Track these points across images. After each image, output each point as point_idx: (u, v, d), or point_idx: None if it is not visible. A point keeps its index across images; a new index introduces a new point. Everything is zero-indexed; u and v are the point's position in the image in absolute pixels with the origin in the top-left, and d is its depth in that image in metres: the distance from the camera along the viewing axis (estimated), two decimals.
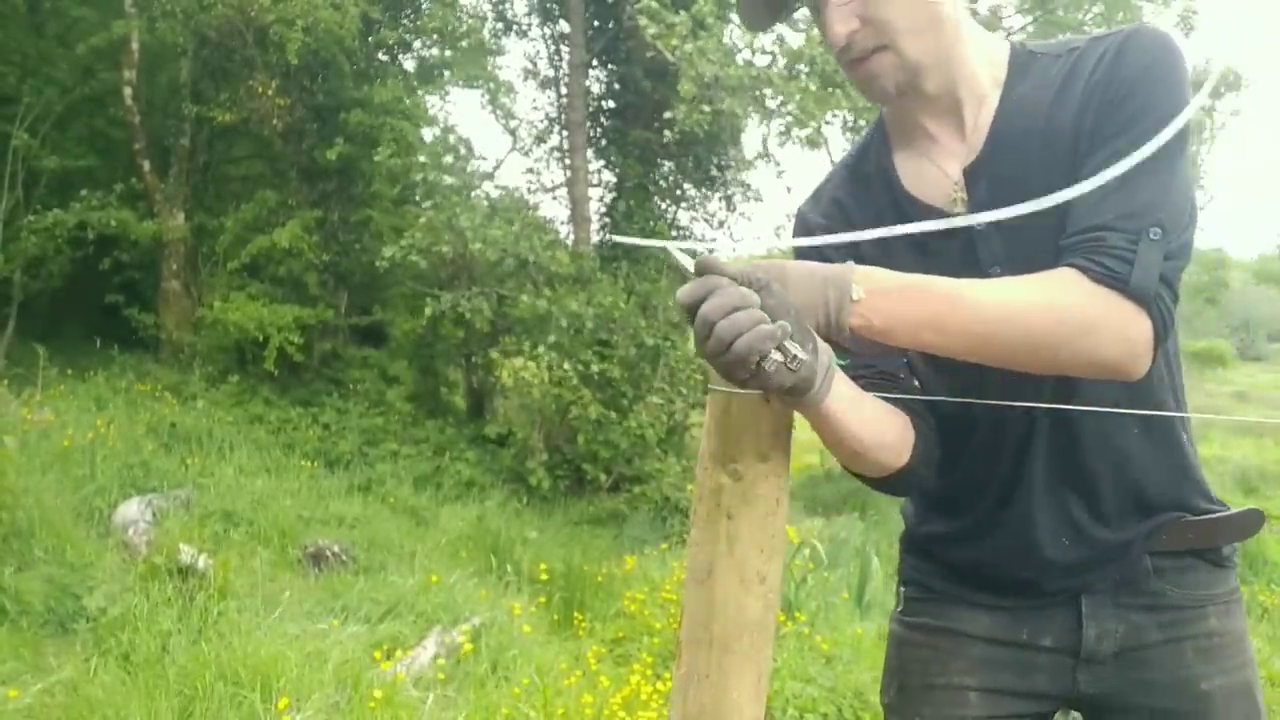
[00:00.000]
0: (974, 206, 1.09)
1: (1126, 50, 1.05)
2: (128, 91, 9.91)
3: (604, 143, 11.48)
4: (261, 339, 9.04)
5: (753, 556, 1.04)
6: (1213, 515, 1.20)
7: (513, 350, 9.65)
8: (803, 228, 1.23)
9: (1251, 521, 1.21)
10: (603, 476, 8.90)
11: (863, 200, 1.20)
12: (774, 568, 1.06)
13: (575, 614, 4.89)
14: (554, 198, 12.08)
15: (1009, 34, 14.29)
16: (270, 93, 9.48)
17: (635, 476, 8.94)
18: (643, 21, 8.25)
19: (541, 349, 8.73)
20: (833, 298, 0.94)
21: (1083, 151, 1.04)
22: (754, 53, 8.95)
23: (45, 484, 5.15)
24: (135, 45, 9.80)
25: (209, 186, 11.12)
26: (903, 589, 1.32)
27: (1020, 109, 1.11)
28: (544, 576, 5.16)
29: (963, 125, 1.14)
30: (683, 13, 8.19)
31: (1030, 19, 13.77)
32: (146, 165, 10.05)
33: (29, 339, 8.99)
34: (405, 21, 11.05)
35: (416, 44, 11.55)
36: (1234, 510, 1.21)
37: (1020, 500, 1.18)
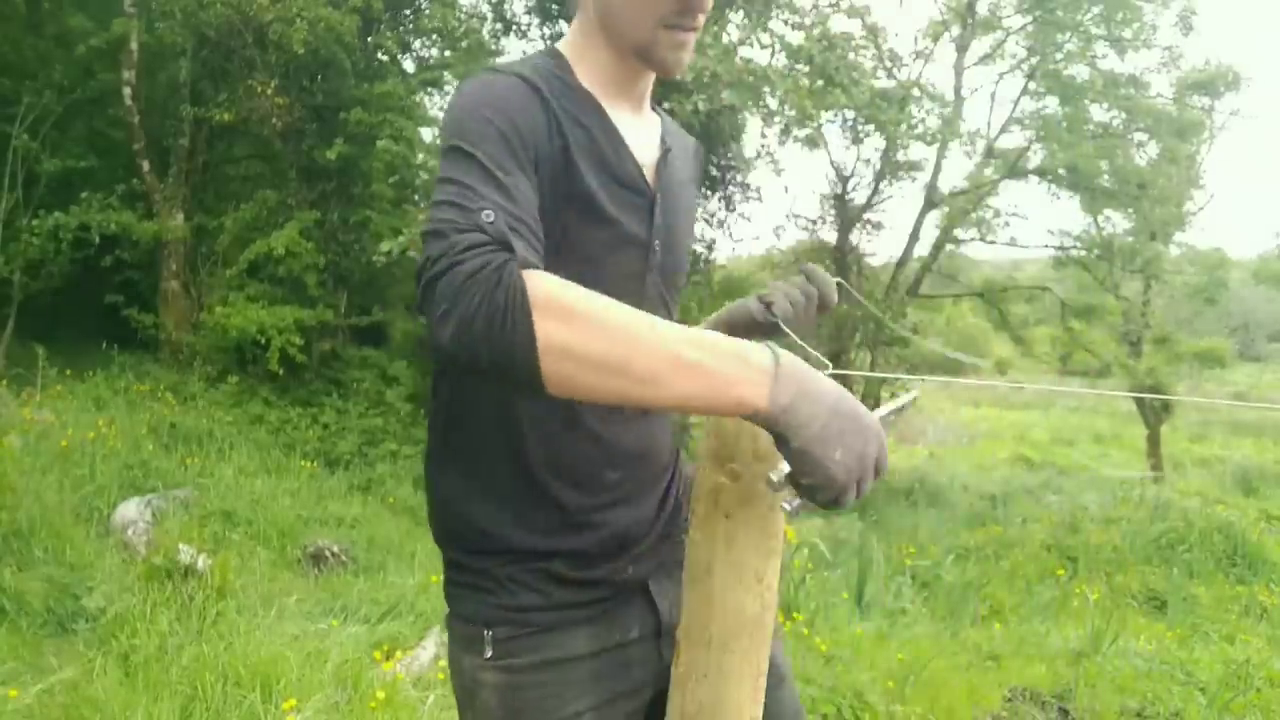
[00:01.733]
0: (658, 187, 1.25)
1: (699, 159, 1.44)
2: (127, 92, 9.90)
3: None
4: (263, 342, 9.04)
5: (750, 556, 1.04)
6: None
7: None
8: (504, 85, 1.13)
9: None
10: None
11: (574, 106, 1.17)
12: (772, 567, 1.06)
13: None
14: None
15: (1008, 33, 14.28)
16: (269, 92, 9.47)
17: None
18: None
19: None
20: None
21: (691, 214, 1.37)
22: (754, 46, 8.93)
23: (45, 484, 5.14)
24: (134, 45, 9.80)
25: (209, 186, 11.11)
26: (487, 632, 1.19)
27: (670, 134, 1.34)
28: None
29: (642, 120, 1.29)
30: None
31: (1030, 19, 13.75)
32: (146, 165, 10.05)
33: (29, 339, 8.97)
34: (405, 22, 11.05)
35: (416, 44, 11.54)
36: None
37: (605, 490, 1.24)
